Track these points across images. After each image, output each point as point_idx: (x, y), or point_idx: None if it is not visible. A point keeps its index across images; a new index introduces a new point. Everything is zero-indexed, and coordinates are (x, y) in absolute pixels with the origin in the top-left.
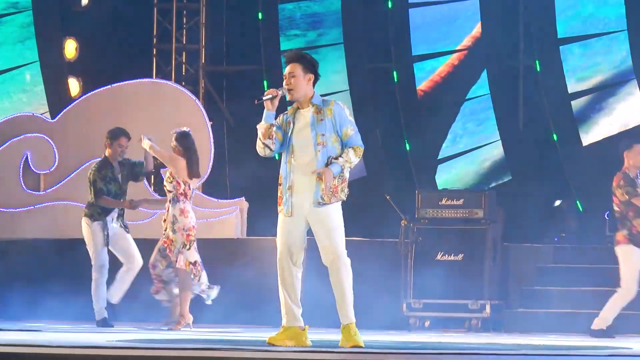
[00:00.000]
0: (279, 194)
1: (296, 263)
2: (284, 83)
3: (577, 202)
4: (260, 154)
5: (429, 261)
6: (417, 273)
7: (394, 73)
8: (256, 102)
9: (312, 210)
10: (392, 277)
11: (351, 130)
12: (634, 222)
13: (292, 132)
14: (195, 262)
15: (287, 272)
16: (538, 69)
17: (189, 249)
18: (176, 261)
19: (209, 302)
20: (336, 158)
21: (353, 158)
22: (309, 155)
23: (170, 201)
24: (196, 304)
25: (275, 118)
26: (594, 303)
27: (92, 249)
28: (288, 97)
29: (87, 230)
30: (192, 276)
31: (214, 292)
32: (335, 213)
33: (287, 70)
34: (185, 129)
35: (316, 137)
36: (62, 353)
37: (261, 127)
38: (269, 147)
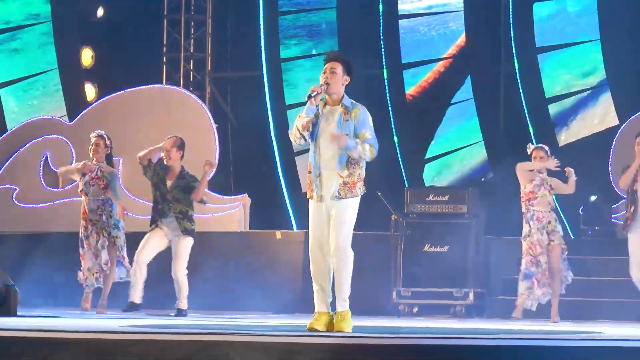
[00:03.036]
0: (308, 182)
1: (326, 253)
2: (322, 77)
3: (554, 197)
4: (294, 143)
5: (417, 252)
6: (406, 263)
7: (385, 79)
8: (309, 100)
9: (330, 203)
10: (383, 267)
11: (369, 134)
12: None
13: (319, 126)
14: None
15: (318, 263)
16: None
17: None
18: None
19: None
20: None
21: (367, 151)
22: (331, 152)
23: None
24: (199, 293)
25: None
26: (569, 290)
27: None
28: (323, 92)
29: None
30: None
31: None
32: (349, 208)
33: (328, 66)
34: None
35: None
36: (78, 338)
37: (303, 120)
38: (304, 138)
